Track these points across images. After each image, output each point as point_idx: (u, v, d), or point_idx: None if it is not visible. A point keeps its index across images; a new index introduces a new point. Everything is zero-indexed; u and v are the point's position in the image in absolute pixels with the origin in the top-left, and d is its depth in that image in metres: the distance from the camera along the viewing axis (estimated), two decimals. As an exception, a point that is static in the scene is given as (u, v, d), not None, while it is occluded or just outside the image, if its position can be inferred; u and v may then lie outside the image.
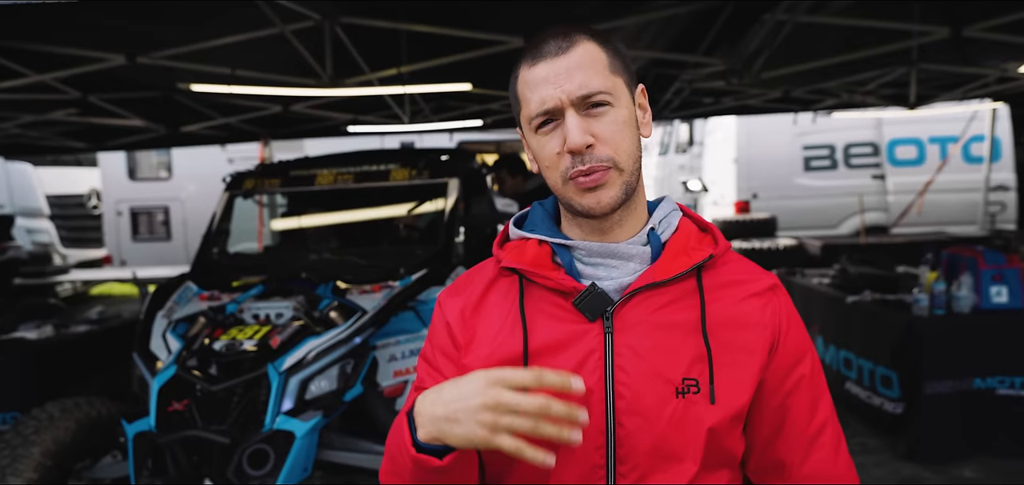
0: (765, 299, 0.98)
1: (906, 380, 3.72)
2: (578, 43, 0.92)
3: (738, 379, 0.94)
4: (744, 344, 0.95)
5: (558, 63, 0.91)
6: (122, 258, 9.37)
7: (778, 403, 0.98)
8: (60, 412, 2.74)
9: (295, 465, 2.42)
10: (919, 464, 3.62)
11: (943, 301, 3.63)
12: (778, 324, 0.97)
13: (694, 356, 0.93)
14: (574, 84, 0.90)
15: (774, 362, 0.97)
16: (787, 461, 1.00)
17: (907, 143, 8.78)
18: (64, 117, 5.51)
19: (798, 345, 0.99)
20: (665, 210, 1.02)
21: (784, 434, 0.99)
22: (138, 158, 9.45)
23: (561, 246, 0.97)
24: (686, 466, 0.92)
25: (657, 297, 0.94)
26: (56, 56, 3.94)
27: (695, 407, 0.92)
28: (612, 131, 0.92)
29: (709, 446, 0.93)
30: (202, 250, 3.72)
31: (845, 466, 1.02)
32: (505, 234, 1.05)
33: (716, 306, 0.95)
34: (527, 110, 0.94)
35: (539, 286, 0.97)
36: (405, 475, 0.91)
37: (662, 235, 0.98)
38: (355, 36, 3.85)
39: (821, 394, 1.01)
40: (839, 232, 8.74)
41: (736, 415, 0.94)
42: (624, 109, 0.94)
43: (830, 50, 4.70)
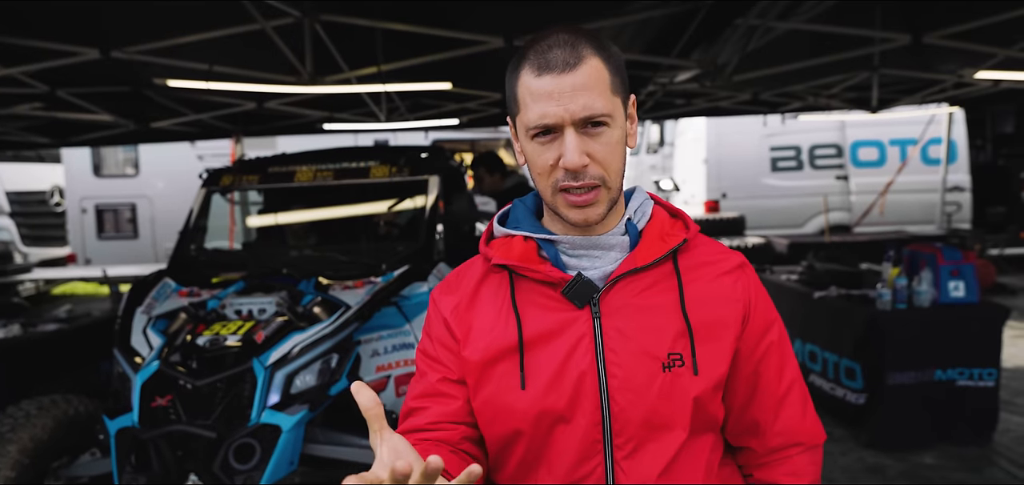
0: (735, 276, 1.06)
1: (869, 372, 3.88)
2: (585, 59, 0.93)
3: (717, 351, 1.02)
4: (720, 318, 1.03)
5: (564, 80, 0.92)
6: (87, 256, 9.14)
7: (751, 369, 1.07)
8: (37, 410, 2.71)
9: (281, 459, 2.44)
10: (881, 452, 3.79)
11: (905, 295, 3.80)
12: (748, 298, 1.05)
13: (676, 332, 1.00)
14: (578, 105, 0.92)
15: (746, 332, 1.05)
16: (761, 421, 1.09)
17: (869, 145, 9.09)
18: (29, 111, 5.36)
19: (766, 315, 1.08)
20: (639, 200, 1.09)
21: (757, 397, 1.08)
22: (104, 154, 9.22)
23: (546, 241, 1.03)
24: (676, 433, 1.00)
25: (638, 281, 1.01)
26: (25, 49, 3.85)
27: (681, 379, 0.99)
28: (606, 152, 0.96)
29: (695, 413, 1.01)
30: (179, 246, 3.69)
31: (812, 423, 1.12)
32: (490, 232, 1.10)
33: (692, 286, 1.03)
34: (525, 117, 0.96)
35: (528, 279, 1.03)
36: None
37: (638, 224, 1.05)
38: (334, 34, 3.85)
39: (787, 359, 1.10)
40: (805, 231, 9.00)
41: (717, 383, 1.03)
42: (619, 129, 0.97)
43: (798, 55, 4.87)
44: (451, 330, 1.07)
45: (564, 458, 1.00)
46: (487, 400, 1.03)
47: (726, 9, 3.42)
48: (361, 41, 4.00)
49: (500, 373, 1.01)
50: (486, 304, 1.05)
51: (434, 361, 1.08)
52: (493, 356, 1.02)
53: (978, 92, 6.22)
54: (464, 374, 1.05)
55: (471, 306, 1.06)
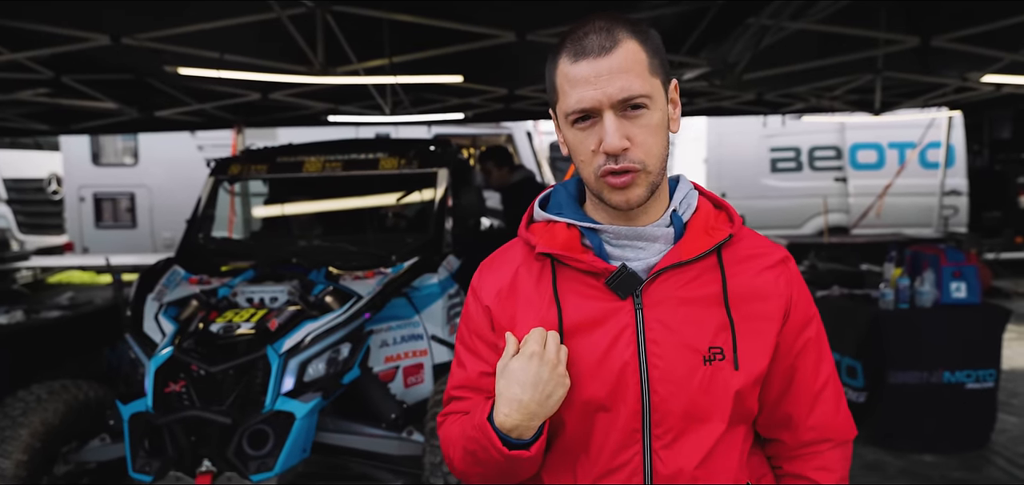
0: (778, 271, 1.06)
1: (870, 370, 3.91)
2: (621, 42, 0.93)
3: (758, 346, 1.03)
4: (762, 313, 1.04)
5: (601, 63, 0.93)
6: (84, 245, 9.08)
7: (789, 363, 1.07)
8: (48, 394, 2.70)
9: (295, 446, 2.44)
10: (881, 449, 3.83)
11: (907, 296, 3.84)
12: (790, 293, 1.06)
13: (718, 326, 1.01)
14: (615, 88, 0.93)
15: (787, 327, 1.06)
16: (794, 415, 1.10)
17: (868, 148, 9.14)
18: (31, 97, 5.33)
19: (806, 311, 1.09)
20: (684, 190, 1.08)
21: (792, 391, 1.09)
22: (103, 143, 9.16)
23: (590, 230, 1.03)
24: (714, 425, 1.01)
25: (682, 274, 1.02)
26: (34, 34, 3.83)
27: (721, 373, 1.00)
28: (646, 135, 0.96)
29: (735, 407, 1.02)
30: (187, 235, 3.69)
31: (844, 419, 1.14)
32: (530, 215, 1.10)
33: (736, 280, 1.03)
34: (564, 104, 0.97)
35: (571, 268, 1.03)
36: (493, 467, 1.02)
37: (684, 216, 1.04)
38: (344, 24, 3.86)
39: (824, 355, 1.11)
40: (803, 232, 9.05)
41: (758, 378, 1.04)
42: (659, 111, 0.97)
43: (803, 56, 4.89)
44: (492, 318, 1.07)
45: (604, 447, 1.02)
46: None
47: (737, 8, 3.44)
48: (371, 33, 4.00)
49: None
50: (528, 291, 1.05)
51: (472, 353, 1.09)
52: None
53: (978, 96, 6.27)
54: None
55: (512, 293, 1.06)
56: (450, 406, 1.11)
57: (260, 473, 2.38)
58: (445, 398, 1.12)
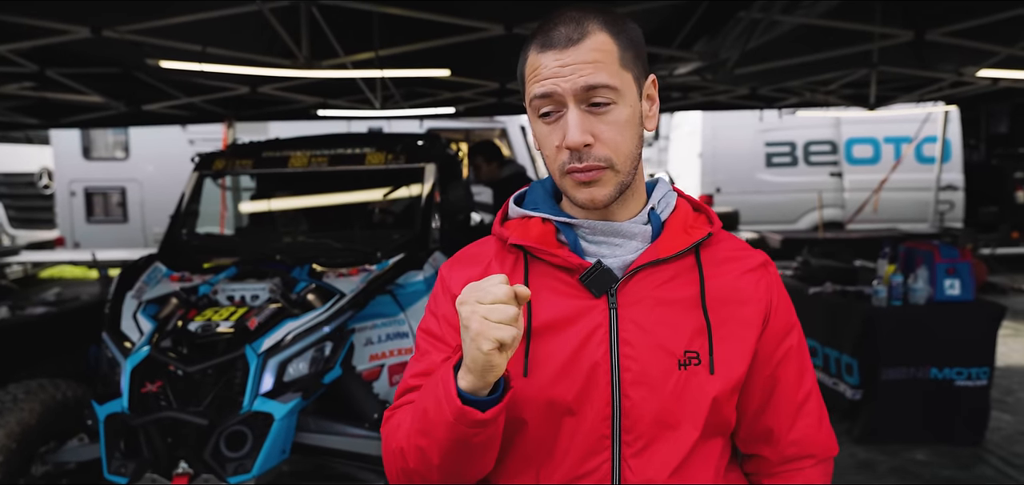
0: (759, 275, 1.02)
1: (865, 368, 3.88)
2: (590, 34, 0.90)
3: (736, 351, 0.98)
4: (741, 318, 0.99)
5: (566, 55, 0.90)
6: (75, 240, 9.02)
7: (769, 373, 1.03)
8: (24, 394, 2.66)
9: (274, 447, 2.40)
10: (873, 447, 3.80)
11: (900, 292, 3.80)
12: (770, 298, 1.02)
13: (695, 329, 0.97)
14: (580, 78, 0.89)
15: (766, 334, 1.01)
16: (775, 428, 1.05)
17: (864, 142, 9.10)
18: (17, 91, 5.26)
19: (787, 318, 1.04)
20: (662, 191, 1.05)
21: (773, 403, 1.04)
22: (93, 137, 9.09)
23: (566, 224, 0.99)
24: (687, 433, 0.97)
25: (659, 274, 0.98)
26: (14, 26, 3.76)
27: (696, 378, 0.96)
28: (612, 131, 0.92)
29: (710, 415, 0.97)
30: (170, 231, 3.63)
31: (827, 434, 1.09)
32: (505, 212, 1.06)
33: (714, 282, 0.99)
34: (529, 95, 0.94)
35: (544, 263, 0.99)
36: (440, 433, 0.90)
37: (661, 214, 1.01)
38: (330, 17, 3.79)
39: (806, 366, 1.07)
40: (798, 227, 9.02)
41: (735, 385, 0.99)
42: (628, 107, 0.93)
43: (797, 50, 4.84)
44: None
45: (570, 452, 0.97)
46: None
47: (728, 3, 3.39)
48: (358, 25, 3.94)
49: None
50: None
51: (438, 340, 1.04)
52: None
53: (974, 91, 6.23)
54: None
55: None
56: (405, 397, 1.03)
57: (238, 475, 2.33)
58: (399, 391, 1.04)
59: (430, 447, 0.92)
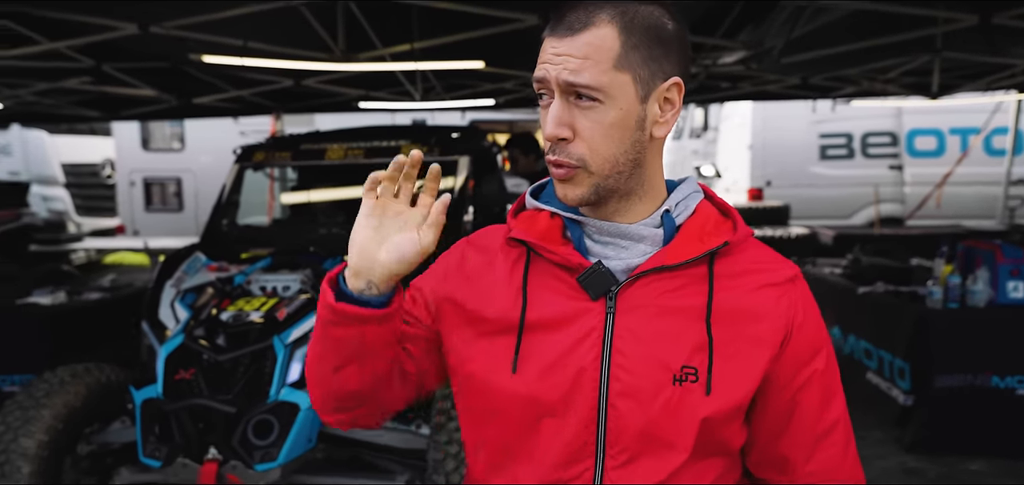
0: (781, 290, 0.94)
1: (917, 373, 3.68)
2: (594, 26, 0.86)
3: (740, 371, 0.91)
4: (752, 336, 0.92)
5: (562, 43, 0.87)
6: (135, 228, 9.46)
7: (788, 398, 0.95)
8: (70, 376, 2.78)
9: (299, 436, 2.44)
10: (924, 456, 3.60)
11: (957, 294, 3.58)
12: (792, 317, 0.93)
13: (696, 344, 0.91)
14: (566, 70, 0.86)
15: (785, 356, 0.93)
16: (791, 458, 0.97)
17: (927, 134, 8.63)
18: (78, 85, 5.53)
19: (813, 340, 0.95)
20: (684, 192, 0.98)
21: (791, 430, 0.96)
22: (152, 129, 9.49)
23: (573, 221, 0.95)
24: (676, 453, 0.91)
25: (665, 281, 0.92)
26: (69, 23, 3.94)
27: (690, 396, 0.90)
28: (593, 131, 0.88)
29: (701, 436, 0.91)
30: (211, 221, 3.73)
31: (851, 465, 1.00)
32: (522, 203, 1.03)
33: (726, 294, 0.92)
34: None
35: (545, 260, 0.95)
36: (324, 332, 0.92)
37: (677, 218, 0.95)
38: (368, 11, 3.82)
39: (835, 392, 0.98)
40: (853, 222, 8.64)
41: (735, 407, 0.92)
42: (617, 110, 0.88)
43: (852, 36, 4.60)
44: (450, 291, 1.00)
45: (549, 454, 0.93)
46: (475, 374, 0.96)
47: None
48: (395, 18, 3.96)
49: (495, 350, 0.95)
50: (499, 276, 0.98)
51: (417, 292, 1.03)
52: (491, 330, 0.95)
53: (1050, 79, 5.81)
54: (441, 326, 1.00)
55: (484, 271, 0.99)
56: None
57: (264, 463, 2.38)
58: None
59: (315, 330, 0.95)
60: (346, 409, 0.99)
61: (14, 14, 3.71)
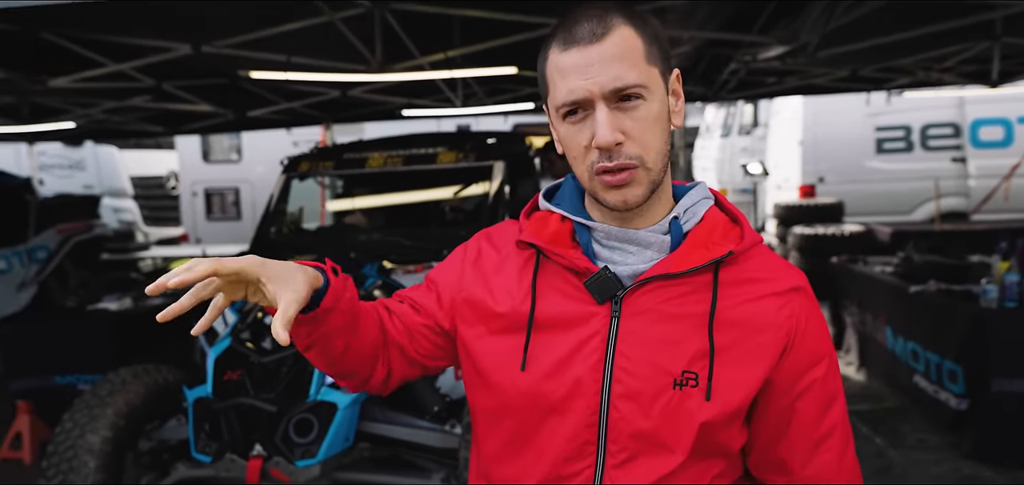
0: (784, 300, 0.96)
1: (972, 375, 3.52)
2: (614, 29, 0.88)
3: (740, 378, 0.94)
4: (753, 344, 0.94)
5: (591, 51, 0.88)
6: (197, 236, 9.95)
7: (786, 405, 0.97)
8: (132, 377, 2.97)
9: (337, 434, 2.54)
10: (981, 464, 3.44)
11: (1015, 293, 3.40)
12: (794, 326, 0.95)
13: (697, 351, 0.93)
14: (607, 76, 0.87)
15: (785, 364, 0.95)
16: (789, 462, 0.99)
17: (993, 123, 8.17)
18: (142, 103, 5.88)
19: (814, 350, 0.97)
20: (693, 199, 0.99)
21: (789, 435, 0.98)
22: (211, 141, 9.96)
23: (581, 225, 0.98)
24: (673, 455, 0.94)
25: (669, 288, 0.94)
26: (131, 46, 4.21)
27: (690, 400, 0.92)
28: (642, 128, 0.90)
29: (700, 439, 0.93)
30: (260, 229, 3.92)
31: (850, 469, 1.01)
32: (535, 203, 1.05)
33: (729, 302, 0.94)
34: (554, 97, 0.92)
35: (555, 262, 0.98)
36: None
37: (685, 225, 0.97)
38: (405, 21, 3.93)
39: (834, 398, 0.99)
40: (913, 218, 8.26)
41: (734, 412, 0.94)
42: (656, 102, 0.91)
43: (903, 24, 4.41)
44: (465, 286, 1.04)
45: (552, 450, 0.97)
46: (487, 369, 1.00)
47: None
48: (431, 28, 4.06)
49: (506, 347, 0.99)
50: (510, 275, 1.02)
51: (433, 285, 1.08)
52: (501, 328, 0.99)
53: None
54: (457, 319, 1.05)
55: (496, 271, 1.04)
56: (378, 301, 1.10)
57: (305, 459, 2.49)
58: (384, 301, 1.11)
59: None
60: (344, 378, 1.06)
61: (82, 40, 4.00)
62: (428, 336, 1.06)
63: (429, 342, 1.06)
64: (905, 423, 4.00)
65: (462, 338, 1.04)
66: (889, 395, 4.44)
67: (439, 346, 1.07)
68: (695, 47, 4.36)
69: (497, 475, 1.03)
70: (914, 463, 3.53)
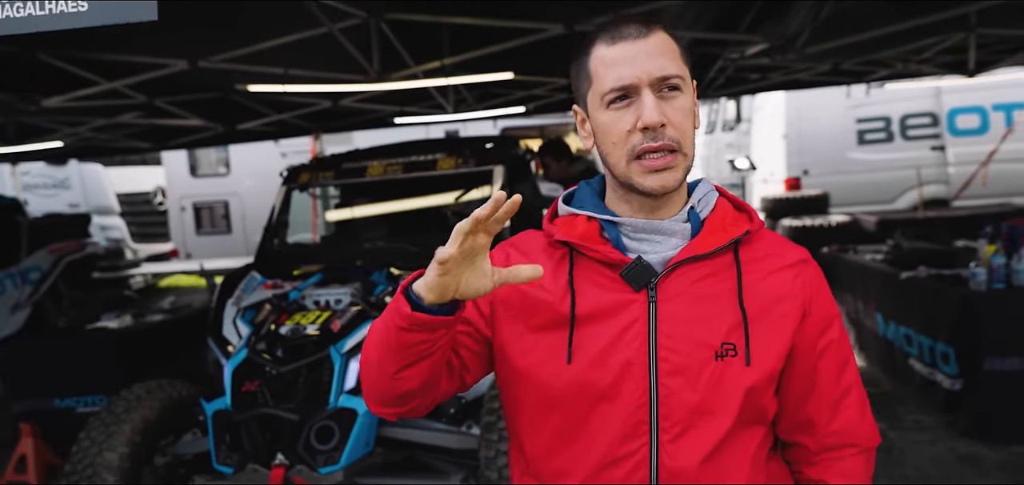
0: (796, 271, 1.07)
1: (964, 356, 3.64)
2: (655, 31, 1.01)
3: (772, 344, 1.03)
4: (777, 312, 1.04)
5: (639, 45, 0.99)
6: (187, 251, 9.86)
7: (809, 367, 1.07)
8: (146, 393, 2.99)
9: (358, 440, 2.58)
10: (977, 441, 3.55)
11: (1003, 274, 3.53)
12: (808, 294, 1.06)
13: (732, 323, 1.02)
14: (654, 65, 0.98)
15: (804, 329, 1.05)
16: (816, 420, 1.09)
17: (969, 111, 8.39)
18: (131, 120, 5.86)
19: (826, 313, 1.08)
20: (703, 190, 1.09)
21: (814, 395, 1.08)
22: (199, 156, 9.89)
23: (609, 222, 1.06)
24: (722, 421, 1.01)
25: (697, 269, 1.03)
26: (126, 64, 4.21)
27: (732, 368, 1.01)
28: (681, 117, 1.00)
29: (745, 404, 1.02)
30: (264, 242, 3.93)
31: (870, 425, 1.11)
32: (555, 210, 1.13)
33: (752, 277, 1.04)
34: (600, 85, 1.01)
35: (588, 258, 1.05)
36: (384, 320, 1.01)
37: (701, 213, 1.06)
38: (399, 31, 3.98)
39: (847, 359, 1.10)
40: (896, 207, 8.45)
41: (770, 376, 1.03)
42: (690, 96, 1.02)
43: (882, 19, 4.56)
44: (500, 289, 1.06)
45: (605, 435, 1.03)
46: (531, 366, 1.05)
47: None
48: (425, 36, 4.11)
49: (548, 343, 1.04)
50: (545, 277, 1.06)
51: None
52: (544, 324, 1.04)
53: (1096, 47, 5.62)
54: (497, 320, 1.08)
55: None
56: None
57: (327, 466, 2.53)
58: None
59: (374, 334, 1.04)
60: (403, 404, 1.08)
61: (77, 59, 3.99)
62: (469, 346, 1.10)
63: (470, 353, 1.11)
64: (901, 405, 4.11)
65: (501, 340, 1.09)
66: (884, 380, 4.56)
67: (479, 355, 1.11)
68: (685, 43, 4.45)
69: (546, 470, 1.08)
70: (912, 444, 3.65)
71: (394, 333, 0.98)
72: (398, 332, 0.97)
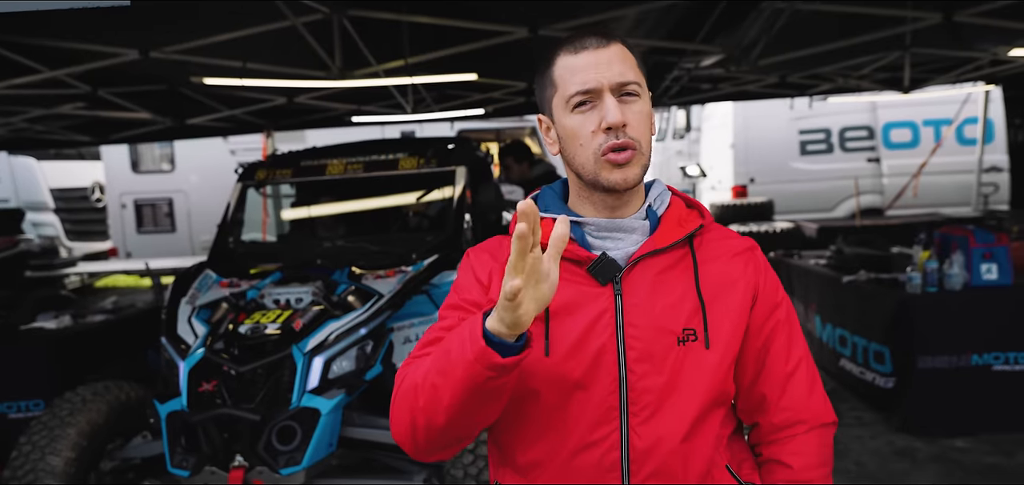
0: (745, 258, 1.17)
1: (898, 355, 3.86)
2: (614, 42, 1.09)
3: (729, 327, 1.12)
4: (731, 297, 1.13)
5: (600, 54, 1.07)
6: (127, 250, 9.44)
7: (759, 345, 1.16)
8: (92, 395, 2.87)
9: (321, 440, 2.55)
10: (912, 435, 3.78)
11: (936, 279, 3.77)
12: (758, 279, 1.16)
13: (691, 309, 1.10)
14: (614, 72, 1.06)
15: (755, 310, 1.15)
16: (768, 396, 1.17)
17: (902, 126, 8.90)
18: (71, 111, 5.58)
19: (774, 295, 1.18)
20: (658, 190, 1.19)
21: (765, 372, 1.17)
22: (141, 151, 9.49)
23: (575, 223, 1.13)
24: (687, 402, 1.09)
25: (657, 262, 1.11)
26: (69, 51, 4.02)
27: (693, 352, 1.09)
28: (639, 120, 1.08)
29: (708, 386, 1.09)
30: (218, 239, 3.82)
31: (820, 401, 1.19)
32: None
33: (706, 267, 1.13)
34: (565, 90, 1.08)
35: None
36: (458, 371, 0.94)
37: (658, 210, 1.15)
38: (361, 28, 3.94)
39: (795, 337, 1.19)
40: (835, 215, 8.88)
41: (728, 358, 1.12)
42: (647, 102, 1.11)
43: (826, 36, 4.81)
44: (484, 286, 1.14)
45: (580, 422, 1.08)
46: None
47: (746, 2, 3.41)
48: (388, 34, 4.08)
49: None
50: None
51: (462, 312, 1.12)
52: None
53: (1017, 69, 6.06)
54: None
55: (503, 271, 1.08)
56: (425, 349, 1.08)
57: (289, 467, 2.49)
58: (421, 344, 1.10)
59: (444, 386, 0.97)
60: (459, 444, 1.06)
61: (17, 45, 3.78)
62: None
63: None
64: (842, 402, 4.33)
65: None
66: (825, 379, 4.79)
67: None
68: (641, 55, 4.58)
69: (523, 460, 1.13)
70: (854, 438, 3.84)
71: (482, 383, 0.93)
72: (487, 382, 0.94)
